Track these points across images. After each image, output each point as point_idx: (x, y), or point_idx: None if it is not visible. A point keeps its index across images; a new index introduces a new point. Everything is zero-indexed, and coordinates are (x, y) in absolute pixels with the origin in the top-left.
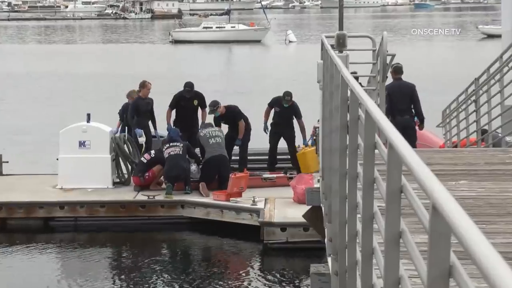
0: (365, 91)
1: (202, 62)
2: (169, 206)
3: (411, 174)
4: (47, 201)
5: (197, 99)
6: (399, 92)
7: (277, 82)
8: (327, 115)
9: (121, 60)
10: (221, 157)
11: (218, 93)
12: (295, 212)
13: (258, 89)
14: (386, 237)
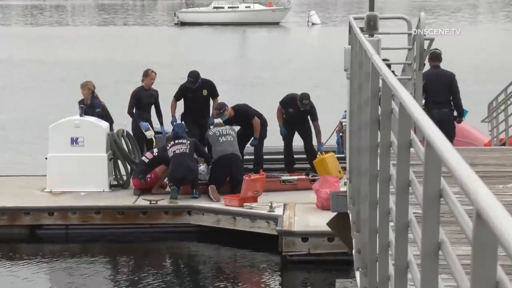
0: (399, 81)
1: (212, 47)
2: (174, 213)
3: (452, 176)
4: (34, 207)
5: (206, 88)
6: (436, 81)
7: (298, 71)
8: (355, 108)
9: (119, 46)
10: (233, 156)
11: (229, 83)
12: (318, 219)
13: (275, 79)
14: (423, 249)
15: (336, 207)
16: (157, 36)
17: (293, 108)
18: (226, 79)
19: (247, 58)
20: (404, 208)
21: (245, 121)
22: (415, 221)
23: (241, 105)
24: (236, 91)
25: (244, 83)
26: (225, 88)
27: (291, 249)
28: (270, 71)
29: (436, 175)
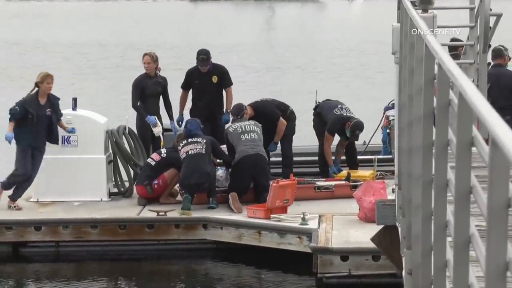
0: (459, 66)
1: (231, 26)
2: (187, 226)
3: None
4: (17, 220)
5: (217, 74)
6: (497, 83)
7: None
8: (405, 100)
9: (120, 25)
10: (257, 158)
11: (251, 69)
12: (361, 234)
13: (307, 64)
14: (488, 269)
15: (383, 219)
16: (165, 13)
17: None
18: (247, 64)
19: (274, 40)
20: (464, 221)
21: (268, 122)
22: (478, 236)
23: (262, 102)
24: (259, 78)
25: (269, 69)
26: (246, 75)
27: (328, 269)
28: (300, 55)
29: (503, 180)
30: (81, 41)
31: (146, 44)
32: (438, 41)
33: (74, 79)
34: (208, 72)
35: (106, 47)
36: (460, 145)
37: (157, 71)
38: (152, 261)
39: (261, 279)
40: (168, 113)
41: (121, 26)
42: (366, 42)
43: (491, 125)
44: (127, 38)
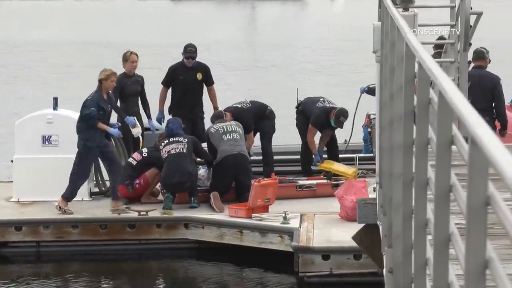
0: (439, 65)
1: (212, 25)
2: (168, 226)
3: (502, 180)
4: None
5: (202, 72)
6: (479, 84)
7: (316, 52)
8: (386, 98)
9: (100, 22)
10: (239, 157)
11: (233, 69)
12: (342, 233)
13: (288, 63)
14: (467, 268)
15: (364, 218)
16: (146, 12)
17: (326, 127)
18: (227, 63)
19: (256, 39)
20: (444, 219)
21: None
22: (458, 235)
23: (241, 109)
24: (238, 77)
25: (249, 68)
26: (226, 74)
27: (310, 268)
28: (282, 54)
29: (482, 179)
30: (61, 39)
31: (125, 43)
32: (418, 40)
33: (52, 78)
34: (192, 69)
35: (85, 45)
36: (440, 143)
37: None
38: (133, 260)
39: (243, 278)
40: (146, 112)
41: (101, 25)
42: (346, 40)
43: (471, 124)
44: (106, 37)
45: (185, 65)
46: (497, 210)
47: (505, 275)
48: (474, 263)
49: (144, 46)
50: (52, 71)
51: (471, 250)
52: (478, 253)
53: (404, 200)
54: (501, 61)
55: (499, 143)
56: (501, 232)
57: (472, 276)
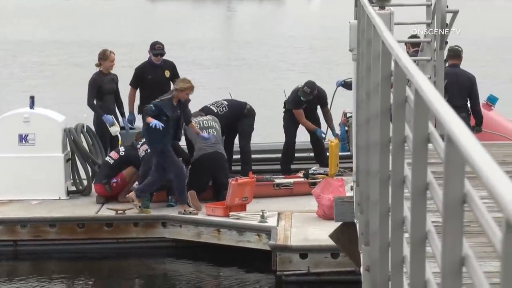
0: (415, 63)
1: (189, 24)
2: (146, 225)
3: (478, 178)
4: None
5: (169, 69)
6: (456, 82)
7: (290, 51)
8: (362, 96)
9: (74, 22)
10: (216, 155)
11: (210, 67)
12: (320, 231)
13: (266, 61)
14: (444, 265)
15: (341, 216)
16: (121, 11)
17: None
18: (203, 61)
19: (231, 38)
20: (421, 217)
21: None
22: (434, 232)
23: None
24: (219, 75)
25: (223, 66)
26: (202, 72)
27: (287, 267)
28: (255, 52)
29: (459, 176)
30: (34, 38)
31: (100, 42)
32: (395, 38)
33: (24, 76)
34: (160, 67)
35: (59, 44)
36: (417, 141)
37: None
38: (111, 259)
39: (220, 277)
40: (120, 110)
41: (75, 24)
42: (321, 39)
43: (447, 121)
44: (81, 36)
45: (152, 63)
46: (473, 208)
47: (481, 272)
48: (451, 260)
49: (118, 45)
50: (24, 70)
51: (447, 248)
52: (454, 250)
53: (381, 198)
54: (476, 59)
55: (475, 141)
56: (478, 230)
57: (448, 274)
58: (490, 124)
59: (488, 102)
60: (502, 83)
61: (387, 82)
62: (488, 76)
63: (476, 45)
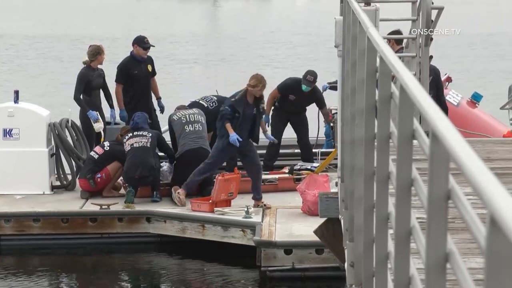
0: (400, 59)
1: (175, 20)
2: (130, 220)
3: (463, 174)
4: None
5: (150, 64)
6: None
7: (279, 48)
8: (348, 93)
9: (58, 17)
10: (200, 151)
11: (195, 63)
12: (305, 227)
13: (252, 58)
14: (428, 261)
15: (325, 212)
16: (106, 7)
17: (295, 94)
18: (192, 57)
19: (218, 34)
20: (405, 213)
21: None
22: (419, 228)
23: (205, 110)
24: (204, 71)
25: (214, 62)
26: (176, 68)
27: (272, 263)
28: (244, 49)
29: (443, 172)
30: (16, 32)
31: (84, 37)
32: (380, 34)
33: (10, 70)
34: (144, 62)
35: (43, 39)
36: (402, 138)
37: None
38: (95, 254)
39: (205, 272)
40: (109, 102)
41: (61, 19)
42: (305, 34)
43: (432, 118)
44: (67, 31)
45: (136, 58)
46: (458, 204)
47: (465, 268)
48: (435, 256)
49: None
50: (13, 64)
51: (432, 244)
52: (438, 247)
53: (366, 194)
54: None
55: (460, 138)
56: (462, 226)
57: (432, 270)
58: (474, 121)
59: (473, 100)
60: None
61: (372, 78)
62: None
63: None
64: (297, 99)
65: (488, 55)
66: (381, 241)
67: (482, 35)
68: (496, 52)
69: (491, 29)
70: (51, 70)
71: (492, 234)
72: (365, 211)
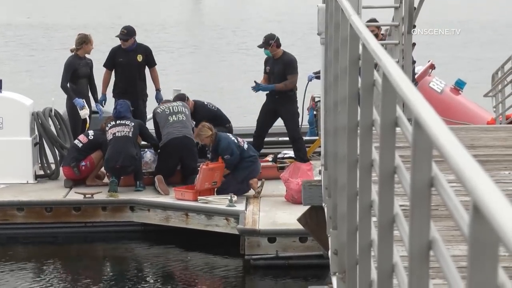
0: (383, 47)
1: (159, 6)
2: (114, 209)
3: (446, 162)
4: None
5: (142, 53)
6: None
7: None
8: (331, 80)
9: (41, 5)
10: (184, 140)
11: (178, 51)
12: (288, 215)
13: (233, 45)
14: (411, 249)
15: (309, 200)
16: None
17: (269, 65)
18: (175, 46)
19: (200, 21)
20: (388, 201)
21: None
22: (402, 216)
23: (205, 106)
24: (187, 60)
25: (197, 50)
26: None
27: (256, 251)
28: (227, 36)
29: (426, 160)
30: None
31: (71, 25)
32: (362, 22)
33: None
34: (132, 51)
35: (23, 27)
36: (384, 125)
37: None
38: (79, 243)
39: (189, 261)
40: (94, 96)
41: (41, 7)
42: (293, 24)
43: (415, 105)
44: (48, 19)
45: (122, 40)
46: (441, 191)
47: (448, 256)
48: (418, 244)
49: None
50: None
51: (415, 232)
52: (422, 234)
53: (349, 182)
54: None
55: (442, 125)
56: (445, 214)
57: (416, 257)
58: (458, 108)
59: (456, 87)
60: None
61: (355, 66)
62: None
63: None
64: (271, 68)
65: (474, 42)
66: (365, 229)
67: (465, 22)
68: (482, 40)
69: (474, 16)
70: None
71: (475, 222)
72: (349, 199)
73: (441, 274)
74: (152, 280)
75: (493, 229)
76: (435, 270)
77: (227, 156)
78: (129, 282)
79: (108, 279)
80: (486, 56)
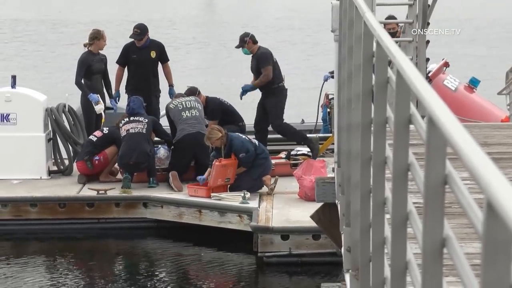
0: (397, 44)
1: (169, 2)
2: (127, 205)
3: (459, 159)
4: None
5: (155, 50)
6: None
7: (274, 31)
8: (344, 78)
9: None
10: (198, 136)
11: (189, 47)
12: (302, 213)
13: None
14: (425, 247)
15: (322, 197)
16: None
17: (251, 61)
18: (186, 42)
19: (213, 16)
20: (402, 198)
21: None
22: (416, 213)
23: (219, 101)
24: (199, 56)
25: (209, 46)
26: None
27: (269, 248)
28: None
29: (440, 157)
30: (14, 18)
31: (79, 22)
32: (377, 19)
33: (8, 55)
34: (146, 47)
35: (35, 23)
36: (398, 123)
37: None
38: (92, 239)
39: (201, 258)
40: (108, 92)
41: (53, 4)
42: (306, 21)
43: (428, 102)
44: (59, 16)
45: (135, 39)
46: (454, 189)
47: (462, 253)
48: (432, 242)
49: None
50: (11, 50)
51: (428, 229)
52: (435, 232)
53: (362, 179)
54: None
55: (456, 122)
56: (459, 211)
57: (429, 255)
58: (472, 106)
59: (470, 85)
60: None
61: (369, 63)
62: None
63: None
64: (250, 66)
65: (486, 40)
66: (378, 226)
67: (479, 20)
68: (493, 37)
69: (489, 14)
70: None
71: (489, 219)
72: (362, 196)
73: (455, 272)
74: (165, 276)
75: (507, 227)
76: (448, 268)
77: (243, 154)
78: (142, 278)
79: (120, 275)
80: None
